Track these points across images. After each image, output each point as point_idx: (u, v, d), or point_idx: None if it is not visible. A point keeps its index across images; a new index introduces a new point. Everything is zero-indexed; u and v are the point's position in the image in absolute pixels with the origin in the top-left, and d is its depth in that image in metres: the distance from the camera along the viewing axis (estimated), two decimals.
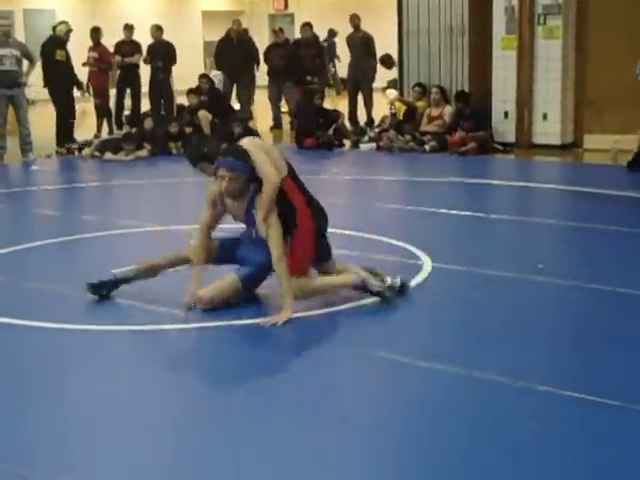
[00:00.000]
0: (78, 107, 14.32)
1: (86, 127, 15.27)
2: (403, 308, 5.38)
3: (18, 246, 7.09)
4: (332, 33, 23.42)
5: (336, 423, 3.81)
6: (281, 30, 16.65)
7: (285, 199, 5.29)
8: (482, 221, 7.97)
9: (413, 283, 5.77)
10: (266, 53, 16.04)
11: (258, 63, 15.91)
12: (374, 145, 13.00)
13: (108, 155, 12.42)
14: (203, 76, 14.83)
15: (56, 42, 13.45)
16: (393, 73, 16.11)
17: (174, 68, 15.21)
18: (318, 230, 5.44)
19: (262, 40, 20.09)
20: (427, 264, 6.24)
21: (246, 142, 5.43)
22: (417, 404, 4.00)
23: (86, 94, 14.99)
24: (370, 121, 15.13)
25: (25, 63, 12.45)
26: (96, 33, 15.12)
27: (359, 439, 3.71)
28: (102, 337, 5.01)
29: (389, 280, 5.46)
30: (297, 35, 17.22)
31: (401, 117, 13.22)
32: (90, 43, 15.14)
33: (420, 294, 5.64)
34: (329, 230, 5.62)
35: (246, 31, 15.66)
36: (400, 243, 6.87)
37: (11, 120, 12.64)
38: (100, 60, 15.01)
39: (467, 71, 13.03)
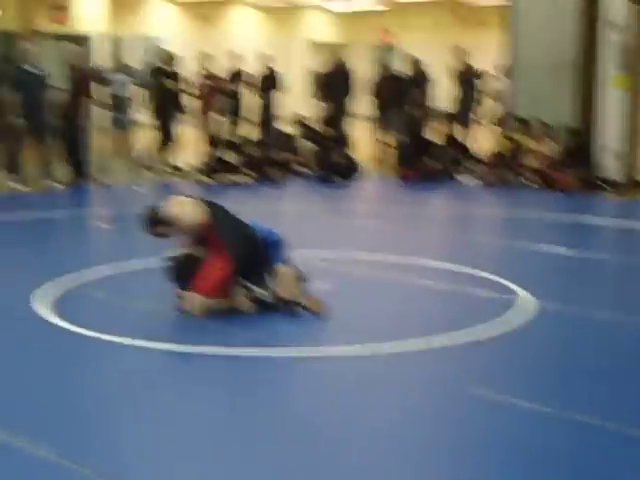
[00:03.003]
0: (182, 132, 14.62)
1: (189, 152, 15.54)
2: (501, 346, 5.29)
3: (124, 263, 7.27)
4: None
5: (423, 457, 3.75)
6: (386, 64, 16.76)
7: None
8: (585, 260, 7.81)
9: (512, 321, 5.68)
10: (375, 87, 16.11)
11: (355, 94, 15.96)
12: (476, 179, 12.90)
13: (209, 179, 12.62)
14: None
15: (162, 70, 13.80)
16: (495, 105, 15.98)
17: (279, 96, 15.42)
18: (235, 273, 5.75)
19: (366, 71, 20.18)
20: (526, 301, 6.14)
21: (168, 204, 5.87)
22: (512, 445, 3.90)
23: (191, 118, 15.27)
24: (472, 155, 14.99)
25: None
26: (206, 60, 15.40)
27: (449, 475, 3.64)
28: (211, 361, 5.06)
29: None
30: (399, 67, 17.25)
31: (504, 152, 13.10)
32: (199, 70, 15.43)
33: (519, 333, 5.54)
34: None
35: (344, 63, 15.77)
36: (499, 279, 6.78)
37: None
38: (208, 87, 15.29)
39: (571, 107, 12.83)
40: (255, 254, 5.91)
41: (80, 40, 20.95)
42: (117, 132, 12.69)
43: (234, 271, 5.75)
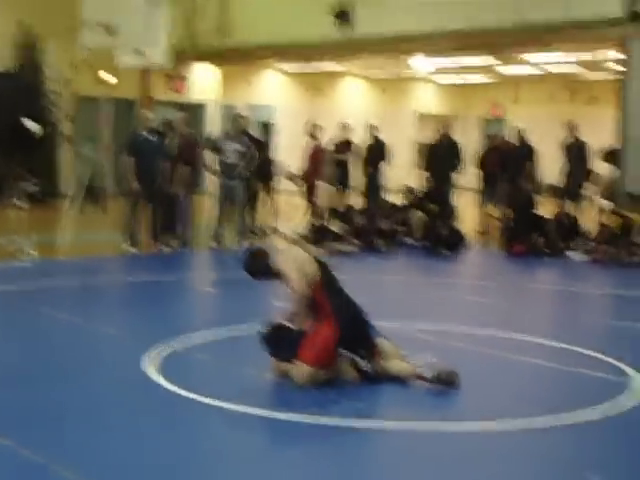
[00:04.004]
0: (291, 201, 14.87)
1: (297, 219, 15.73)
2: (613, 430, 5.14)
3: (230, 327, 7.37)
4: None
5: None
6: (494, 135, 16.76)
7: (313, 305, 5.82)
8: None
9: (625, 404, 5.52)
10: (481, 158, 16.10)
11: (459, 166, 15.93)
12: (585, 255, 12.66)
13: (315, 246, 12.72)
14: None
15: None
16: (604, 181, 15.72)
17: (386, 166, 15.55)
18: (340, 343, 5.71)
19: (473, 143, 20.20)
20: (636, 383, 5.96)
21: (282, 256, 5.97)
22: None
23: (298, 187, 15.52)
24: (581, 231, 14.75)
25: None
26: (314, 129, 15.65)
27: None
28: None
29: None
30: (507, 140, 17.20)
31: (615, 228, 12.84)
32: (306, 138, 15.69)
33: (632, 416, 5.37)
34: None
35: (450, 134, 15.81)
36: (611, 360, 6.60)
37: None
38: (316, 156, 15.52)
39: None
40: (360, 324, 5.90)
41: (196, 109, 21.65)
42: (228, 199, 12.93)
43: (339, 340, 5.72)
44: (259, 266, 6.07)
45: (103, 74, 15.78)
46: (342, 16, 17.26)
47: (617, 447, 4.92)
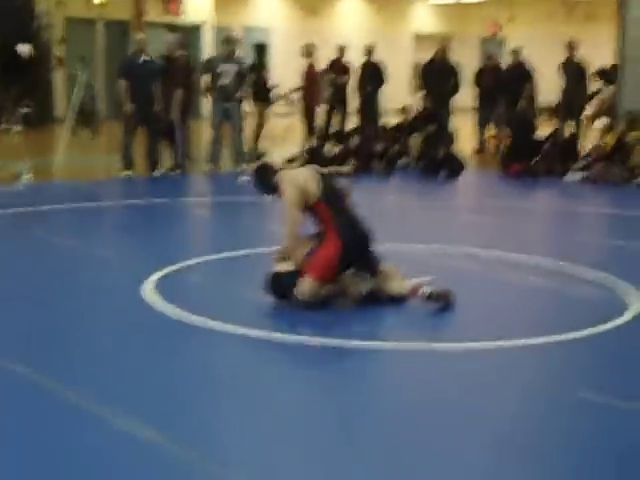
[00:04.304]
0: (284, 123, 14.78)
1: (292, 142, 15.69)
2: (608, 346, 5.21)
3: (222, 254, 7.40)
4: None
5: (519, 454, 3.73)
6: (493, 56, 16.60)
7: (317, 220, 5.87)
8: None
9: (620, 320, 5.58)
10: (477, 76, 15.96)
11: (457, 87, 15.78)
12: (581, 175, 12.64)
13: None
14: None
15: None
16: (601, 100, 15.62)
17: (382, 87, 15.42)
18: (342, 260, 5.71)
19: (473, 64, 19.99)
20: (636, 301, 6.01)
21: (282, 175, 5.94)
22: (615, 446, 3.84)
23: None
24: (577, 150, 14.72)
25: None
26: (309, 49, 15.44)
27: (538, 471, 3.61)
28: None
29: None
30: (505, 60, 17.06)
31: (610, 148, 12.79)
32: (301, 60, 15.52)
33: (627, 332, 5.43)
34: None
35: (446, 55, 15.62)
36: (607, 277, 6.64)
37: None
38: (311, 77, 15.37)
39: None
40: (364, 242, 5.91)
41: (191, 30, 21.37)
42: (225, 122, 12.83)
43: (343, 257, 5.73)
44: (265, 179, 6.06)
45: None
46: None
47: (613, 363, 4.98)
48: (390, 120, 15.22)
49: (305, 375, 4.81)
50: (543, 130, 14.30)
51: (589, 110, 15.57)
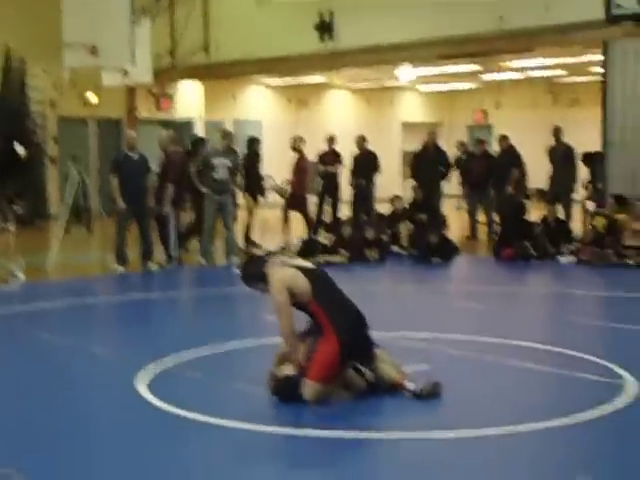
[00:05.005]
0: (276, 215, 14.91)
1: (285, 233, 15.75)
2: (609, 431, 5.16)
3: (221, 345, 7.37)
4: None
5: None
6: (483, 141, 16.85)
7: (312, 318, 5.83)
8: None
9: (619, 405, 5.54)
10: (466, 164, 16.17)
11: (447, 174, 15.98)
12: (574, 258, 12.71)
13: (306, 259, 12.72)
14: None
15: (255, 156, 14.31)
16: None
17: (374, 177, 15.63)
18: (342, 357, 5.69)
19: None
20: (633, 385, 5.97)
21: (271, 274, 5.88)
22: None
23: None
24: (568, 233, 14.82)
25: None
26: (297, 142, 15.59)
27: None
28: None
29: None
30: (495, 147, 17.32)
31: (601, 230, 12.89)
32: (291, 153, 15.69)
33: (620, 417, 5.39)
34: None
35: (436, 143, 15.89)
36: (604, 362, 6.62)
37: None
38: (300, 169, 15.51)
39: None
40: (361, 332, 5.88)
41: (182, 126, 21.66)
42: (218, 215, 12.92)
43: (343, 354, 5.70)
44: (254, 271, 6.03)
45: (89, 94, 15.78)
46: (325, 28, 17.30)
47: (609, 448, 4.94)
48: (381, 208, 15.34)
49: (306, 468, 4.75)
50: (533, 215, 14.42)
51: (579, 194, 15.73)
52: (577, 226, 14.62)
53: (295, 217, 15.45)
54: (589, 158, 15.44)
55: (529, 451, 4.88)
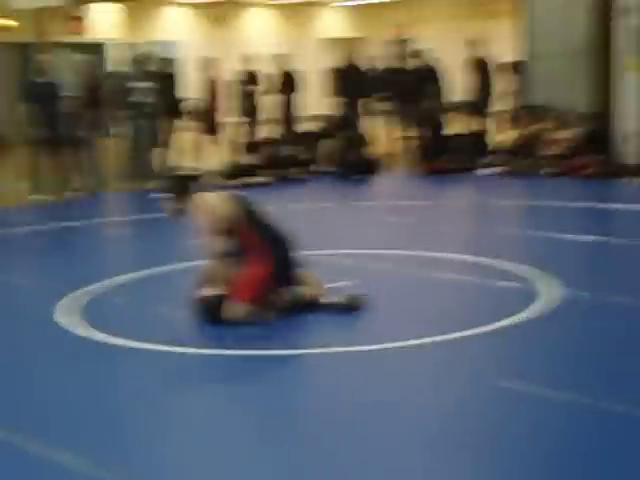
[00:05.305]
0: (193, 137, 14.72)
1: (207, 155, 15.57)
2: (528, 336, 5.30)
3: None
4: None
5: (453, 450, 3.76)
6: (400, 57, 16.77)
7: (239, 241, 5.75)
8: (607, 246, 7.78)
9: (538, 310, 5.68)
10: (386, 79, 16.09)
11: (370, 89, 15.90)
12: (492, 169, 12.86)
13: (228, 181, 12.64)
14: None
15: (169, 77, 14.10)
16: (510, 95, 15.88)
17: (297, 95, 15.48)
18: (273, 278, 5.73)
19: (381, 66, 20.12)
20: (552, 289, 6.13)
21: (197, 200, 5.83)
22: (539, 434, 3.90)
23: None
24: (486, 145, 14.94)
25: None
26: (208, 63, 15.25)
27: (477, 466, 3.65)
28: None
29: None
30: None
31: (522, 141, 13.05)
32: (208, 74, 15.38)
33: (542, 322, 5.54)
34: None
35: (357, 59, 15.75)
36: (524, 268, 6.77)
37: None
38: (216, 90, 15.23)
39: (588, 93, 12.77)
40: (289, 256, 5.91)
41: (95, 49, 21.08)
42: (138, 139, 12.72)
43: (274, 276, 5.73)
44: (180, 191, 5.92)
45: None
46: None
47: (530, 353, 5.07)
48: (303, 127, 15.25)
49: (226, 386, 4.78)
50: (454, 127, 14.50)
51: (497, 105, 15.81)
52: (494, 138, 14.75)
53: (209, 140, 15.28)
54: (505, 68, 15.51)
55: (450, 359, 4.99)
